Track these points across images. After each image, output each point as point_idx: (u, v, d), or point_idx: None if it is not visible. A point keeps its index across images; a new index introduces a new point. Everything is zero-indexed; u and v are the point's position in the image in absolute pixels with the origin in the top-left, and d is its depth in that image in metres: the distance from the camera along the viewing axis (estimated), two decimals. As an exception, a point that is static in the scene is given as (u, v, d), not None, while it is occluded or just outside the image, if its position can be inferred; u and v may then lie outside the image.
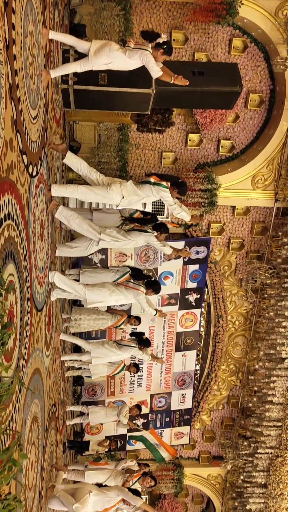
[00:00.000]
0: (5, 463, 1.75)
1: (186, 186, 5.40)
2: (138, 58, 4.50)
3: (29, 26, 3.37)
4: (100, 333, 9.24)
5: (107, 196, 4.81)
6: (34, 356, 4.00)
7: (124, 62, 4.55)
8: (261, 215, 9.72)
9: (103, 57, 4.46)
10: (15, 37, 2.83)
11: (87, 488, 5.20)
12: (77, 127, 8.45)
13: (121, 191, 4.82)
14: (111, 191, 4.77)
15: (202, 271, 9.60)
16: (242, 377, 10.80)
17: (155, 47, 4.58)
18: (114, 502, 5.34)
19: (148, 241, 5.72)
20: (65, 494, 5.04)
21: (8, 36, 2.64)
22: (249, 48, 8.77)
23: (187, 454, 11.60)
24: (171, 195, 5.16)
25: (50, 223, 4.86)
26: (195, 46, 8.64)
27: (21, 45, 3.03)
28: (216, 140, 9.32)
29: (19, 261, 3.13)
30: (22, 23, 3.08)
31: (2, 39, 2.50)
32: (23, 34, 3.10)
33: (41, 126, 4.08)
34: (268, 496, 10.59)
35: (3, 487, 1.81)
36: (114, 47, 4.49)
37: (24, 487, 3.74)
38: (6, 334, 1.63)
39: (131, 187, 4.91)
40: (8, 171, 2.73)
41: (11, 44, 2.73)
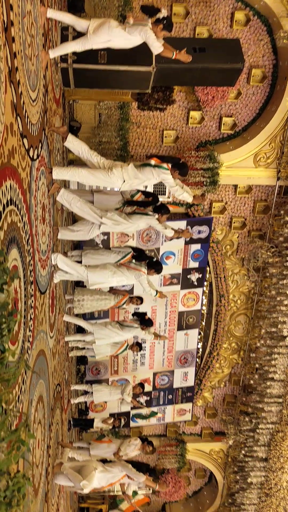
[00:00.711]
0: (13, 443, 1.81)
1: (187, 168, 5.36)
2: (138, 34, 4.41)
3: (27, 5, 3.29)
4: (103, 313, 9.32)
5: (108, 180, 4.78)
6: (38, 338, 4.05)
7: (124, 39, 4.46)
8: (263, 194, 9.66)
9: (103, 35, 4.38)
10: (13, 18, 2.77)
11: (92, 465, 5.34)
12: (77, 107, 8.34)
13: (122, 174, 4.79)
14: (112, 175, 4.74)
15: (204, 251, 9.61)
16: (243, 355, 10.93)
17: (155, 23, 4.48)
18: (118, 478, 5.50)
19: (150, 224, 5.71)
20: (72, 472, 5.19)
21: (6, 18, 2.59)
22: (252, 21, 8.56)
23: (189, 430, 11.83)
24: (172, 176, 5.13)
25: (51, 205, 4.85)
26: (196, 20, 8.44)
27: (19, 26, 2.97)
28: (218, 117, 9.20)
29: (22, 245, 3.14)
30: (20, 3, 3.01)
31: (1, 21, 2.45)
32: (21, 14, 3.03)
33: (41, 108, 4.03)
34: (269, 470, 10.85)
35: (12, 465, 1.87)
36: (113, 24, 4.40)
37: (31, 464, 3.84)
38: (12, 321, 1.66)
39: (132, 170, 4.88)
40: (9, 156, 2.71)
41: (9, 26, 2.67)
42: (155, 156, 5.10)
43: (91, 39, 4.42)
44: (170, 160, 5.18)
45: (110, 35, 4.38)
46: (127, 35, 4.41)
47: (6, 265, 1.60)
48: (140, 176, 4.94)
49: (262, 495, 11.26)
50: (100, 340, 6.94)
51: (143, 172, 4.99)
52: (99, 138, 8.60)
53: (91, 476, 5.18)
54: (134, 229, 5.82)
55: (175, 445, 11.60)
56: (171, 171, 5.10)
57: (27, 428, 1.89)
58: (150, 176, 5.03)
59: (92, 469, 5.21)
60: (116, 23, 4.45)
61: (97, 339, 6.90)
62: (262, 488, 11.20)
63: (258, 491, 11.30)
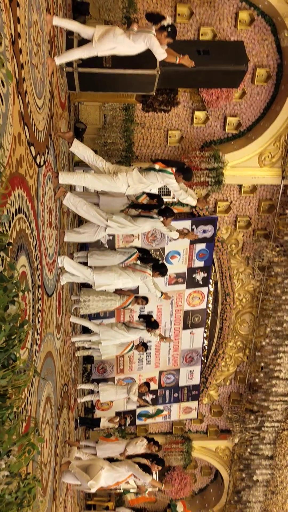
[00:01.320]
0: (24, 447, 1.89)
1: (191, 172, 5.41)
2: (142, 41, 4.46)
3: (33, 15, 3.36)
4: (108, 313, 9.40)
5: (113, 185, 4.85)
6: (46, 341, 4.13)
7: (128, 47, 4.51)
8: (268, 193, 9.69)
9: (108, 43, 4.43)
10: (20, 30, 2.83)
11: (99, 465, 5.42)
12: (82, 108, 8.41)
13: (127, 179, 4.85)
14: (117, 180, 4.80)
15: (209, 250, 9.65)
16: (249, 353, 10.98)
17: (159, 30, 4.53)
18: (125, 477, 5.58)
19: (155, 226, 5.77)
20: (80, 471, 5.28)
21: (13, 31, 2.65)
22: (256, 21, 8.57)
23: (195, 428, 11.90)
24: (177, 180, 5.18)
25: (58, 209, 4.92)
26: (201, 21, 8.46)
27: (26, 37, 3.04)
28: (222, 117, 9.23)
29: (30, 251, 3.21)
30: (27, 14, 3.08)
31: (8, 35, 2.52)
32: (27, 25, 3.09)
33: (47, 114, 4.10)
34: (274, 467, 10.92)
35: (23, 468, 1.95)
36: (118, 31, 4.45)
37: (40, 464, 3.93)
38: (23, 332, 1.73)
39: (136, 175, 4.94)
40: (17, 165, 2.78)
41: (17, 39, 2.74)
42: (160, 161, 5.16)
43: (97, 47, 4.47)
44: (174, 165, 5.23)
45: (115, 43, 4.44)
46: (132, 43, 4.46)
47: (16, 278, 1.68)
48: (144, 181, 5.00)
49: (268, 492, 11.33)
50: (106, 341, 7.01)
51: (148, 177, 5.05)
52: (104, 139, 8.66)
53: (98, 476, 5.27)
54: (140, 231, 5.88)
55: (181, 442, 11.68)
56: (175, 175, 5.15)
57: (37, 432, 1.97)
58: (155, 181, 5.09)
59: (99, 468, 5.29)
60: (121, 30, 4.50)
61: (103, 340, 6.98)
62: (267, 485, 11.27)
63: (264, 488, 11.37)
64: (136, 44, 4.49)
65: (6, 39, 2.46)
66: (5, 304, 1.63)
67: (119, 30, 4.49)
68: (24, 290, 1.79)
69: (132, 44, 4.47)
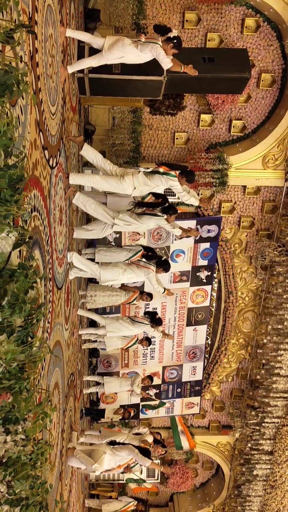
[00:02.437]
0: (38, 415, 2.19)
1: (194, 175, 5.69)
2: (149, 51, 4.74)
3: (49, 29, 3.65)
4: (114, 308, 9.69)
5: (120, 187, 5.14)
6: (55, 330, 4.44)
7: (136, 56, 4.79)
8: (271, 194, 9.94)
9: (116, 52, 4.72)
10: (37, 46, 3.13)
11: (102, 449, 5.73)
12: (92, 110, 8.70)
13: (133, 182, 5.15)
14: (124, 182, 5.10)
15: (213, 249, 9.91)
16: (251, 350, 11.23)
17: (165, 41, 4.81)
18: (126, 461, 5.90)
19: (159, 224, 6.05)
20: (84, 456, 5.59)
21: (32, 47, 2.95)
22: (262, 27, 8.81)
23: (197, 423, 12.18)
24: (180, 183, 5.46)
25: (68, 207, 5.23)
26: (208, 27, 8.72)
27: (42, 51, 3.33)
28: (228, 120, 9.48)
29: (42, 246, 3.51)
30: (43, 30, 3.37)
31: (28, 52, 2.81)
32: (44, 40, 3.39)
33: (60, 119, 4.40)
34: (274, 463, 11.16)
35: (36, 434, 2.25)
36: (126, 42, 4.73)
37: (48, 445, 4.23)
38: (40, 313, 2.03)
39: (142, 178, 5.23)
40: (33, 168, 3.08)
41: (34, 54, 3.03)
42: (164, 164, 5.45)
43: (106, 56, 4.76)
44: (177, 168, 5.52)
45: (124, 52, 4.72)
46: (139, 52, 4.74)
47: (35, 268, 1.96)
48: (149, 183, 5.28)
49: (268, 487, 11.57)
50: (111, 333, 7.32)
51: (153, 179, 5.34)
52: (113, 140, 8.96)
53: (101, 459, 5.58)
54: (145, 229, 6.17)
55: (183, 437, 11.96)
56: (179, 178, 5.43)
57: (49, 402, 2.26)
58: (159, 183, 5.37)
59: (102, 452, 5.61)
60: (129, 41, 4.78)
61: (109, 331, 7.28)
62: (267, 480, 11.52)
63: (263, 483, 11.62)
64: (143, 54, 4.77)
65: (25, 55, 2.76)
66: (26, 289, 1.92)
67: (128, 40, 4.77)
68: (42, 277, 2.08)
69: (139, 53, 4.76)
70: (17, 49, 2.48)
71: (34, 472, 2.28)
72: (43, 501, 2.37)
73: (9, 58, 2.05)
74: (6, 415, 2.13)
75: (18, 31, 1.84)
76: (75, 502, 7.32)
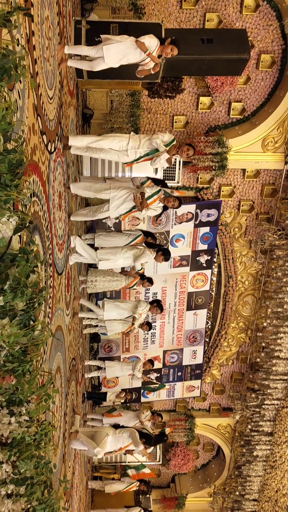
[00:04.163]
0: (42, 397, 2.23)
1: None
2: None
3: (45, 11, 3.60)
4: (115, 294, 9.74)
5: (117, 141, 5.19)
6: (56, 315, 4.47)
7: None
8: (271, 177, 9.90)
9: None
10: (34, 28, 3.09)
11: (105, 432, 5.82)
12: (90, 94, 8.62)
13: (128, 139, 5.26)
14: (120, 137, 5.23)
15: (213, 233, 9.92)
16: (251, 334, 11.31)
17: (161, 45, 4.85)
18: (127, 443, 5.99)
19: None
20: (87, 439, 5.68)
21: (28, 30, 2.91)
22: (261, 6, 8.66)
23: (198, 405, 12.32)
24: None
25: (67, 193, 5.21)
26: (206, 7, 8.58)
27: (39, 33, 3.29)
28: (227, 102, 9.39)
29: (42, 231, 3.51)
30: (40, 12, 3.32)
31: (24, 34, 2.78)
32: (40, 22, 3.34)
33: (57, 103, 4.36)
34: (274, 444, 11.33)
35: (40, 415, 2.29)
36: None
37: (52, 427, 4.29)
38: (42, 297, 2.05)
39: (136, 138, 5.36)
40: (32, 153, 3.06)
41: (31, 37, 3.00)
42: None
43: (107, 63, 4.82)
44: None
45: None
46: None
47: (36, 252, 1.97)
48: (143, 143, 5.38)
49: (267, 467, 11.77)
50: (110, 315, 7.38)
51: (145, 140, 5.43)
52: (111, 124, 8.89)
53: (104, 442, 5.67)
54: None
55: (184, 420, 12.12)
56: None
57: (52, 384, 2.30)
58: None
59: (105, 435, 5.70)
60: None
61: (107, 315, 7.34)
62: (267, 461, 11.71)
63: (263, 463, 11.81)
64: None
65: (22, 38, 2.72)
66: (27, 273, 1.94)
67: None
68: (43, 261, 2.09)
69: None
70: (14, 32, 2.45)
71: (38, 452, 2.33)
72: (47, 480, 2.42)
73: (6, 41, 2.03)
74: (10, 397, 2.17)
75: (15, 14, 1.81)
76: (78, 484, 7.45)
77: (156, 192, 6.00)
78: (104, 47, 4.66)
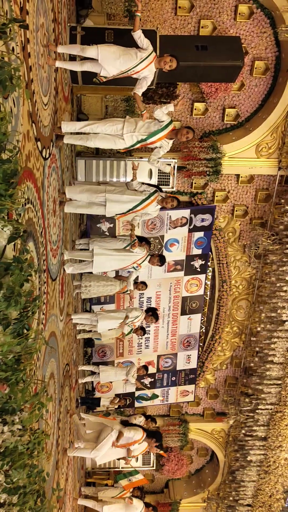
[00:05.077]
0: (35, 405, 2.22)
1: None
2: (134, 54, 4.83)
3: (40, 19, 3.61)
4: (109, 298, 9.73)
5: (112, 123, 5.15)
6: (50, 321, 4.46)
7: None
8: (265, 183, 9.95)
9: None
10: (29, 36, 3.10)
11: (111, 427, 5.84)
12: (84, 99, 8.63)
13: (123, 123, 5.22)
14: (115, 120, 5.23)
15: (207, 238, 9.95)
16: (245, 338, 11.33)
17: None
18: (131, 441, 6.02)
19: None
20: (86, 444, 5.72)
21: (23, 37, 2.92)
22: (255, 14, 8.74)
23: (192, 410, 12.31)
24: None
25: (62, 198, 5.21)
26: (201, 13, 8.64)
27: (34, 41, 3.30)
28: (221, 108, 9.45)
29: (36, 238, 3.51)
30: (35, 20, 3.33)
31: (19, 42, 2.79)
32: (35, 30, 3.35)
33: (52, 110, 4.37)
34: (267, 448, 11.33)
35: (33, 424, 2.28)
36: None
37: (45, 434, 4.28)
38: (35, 306, 2.05)
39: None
40: (26, 160, 3.07)
41: (26, 44, 3.01)
42: None
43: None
44: None
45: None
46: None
47: (30, 261, 1.97)
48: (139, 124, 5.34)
49: (261, 472, 11.76)
50: (104, 323, 7.36)
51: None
52: (106, 129, 8.88)
53: (100, 446, 5.71)
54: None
55: (178, 424, 12.10)
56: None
57: (45, 392, 2.29)
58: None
59: (110, 430, 5.73)
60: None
61: (101, 324, 7.32)
62: (261, 465, 11.70)
63: (257, 468, 11.80)
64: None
65: (17, 46, 2.73)
66: (21, 282, 1.94)
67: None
68: (37, 270, 2.10)
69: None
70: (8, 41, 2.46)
71: (31, 461, 2.32)
72: (40, 489, 2.41)
73: (1, 53, 2.03)
74: (3, 406, 2.17)
75: (10, 26, 1.82)
76: (72, 490, 7.41)
77: (152, 194, 6.01)
78: (100, 45, 4.66)
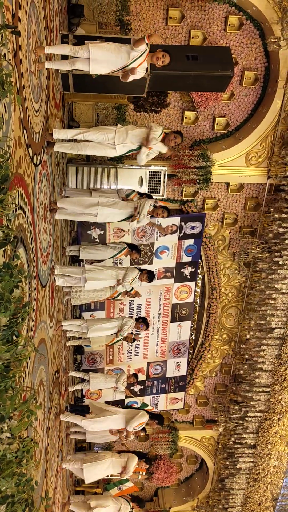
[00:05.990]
0: (24, 413, 2.20)
1: None
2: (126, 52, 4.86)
3: (32, 26, 3.63)
4: (99, 305, 9.71)
5: (103, 132, 5.16)
6: (40, 328, 4.43)
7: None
8: (254, 191, 10.04)
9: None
10: (21, 42, 3.11)
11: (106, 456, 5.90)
12: (76, 107, 8.66)
13: (115, 132, 5.25)
14: (107, 129, 5.25)
15: (197, 246, 10.00)
16: (234, 346, 11.36)
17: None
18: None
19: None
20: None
21: (15, 44, 2.93)
22: (245, 25, 8.87)
23: (181, 418, 12.28)
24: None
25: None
26: (192, 24, 8.74)
27: (26, 48, 3.32)
28: (211, 117, 9.53)
29: (26, 244, 3.50)
30: (27, 27, 3.35)
31: (11, 49, 2.80)
32: (27, 37, 3.37)
33: (43, 116, 4.38)
34: (257, 456, 11.32)
35: (22, 431, 2.26)
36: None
37: (34, 443, 4.24)
38: (25, 312, 2.04)
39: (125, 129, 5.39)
40: (17, 166, 3.07)
41: (18, 51, 3.02)
42: None
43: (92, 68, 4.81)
44: None
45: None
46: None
47: (20, 267, 1.97)
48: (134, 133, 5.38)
49: (250, 480, 11.74)
50: (95, 332, 7.34)
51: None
52: (97, 137, 8.92)
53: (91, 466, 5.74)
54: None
55: (167, 432, 12.04)
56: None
57: (35, 400, 2.28)
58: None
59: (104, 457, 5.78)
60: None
61: (91, 331, 7.30)
62: (250, 473, 11.68)
63: (246, 476, 11.78)
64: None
65: (9, 53, 2.74)
66: (11, 288, 1.93)
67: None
68: (27, 276, 2.09)
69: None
70: (1, 48, 2.47)
71: (19, 469, 2.30)
72: (28, 498, 2.39)
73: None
74: (-9, 414, 2.15)
75: (2, 32, 1.83)
76: (60, 499, 7.33)
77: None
78: (91, 45, 4.66)
